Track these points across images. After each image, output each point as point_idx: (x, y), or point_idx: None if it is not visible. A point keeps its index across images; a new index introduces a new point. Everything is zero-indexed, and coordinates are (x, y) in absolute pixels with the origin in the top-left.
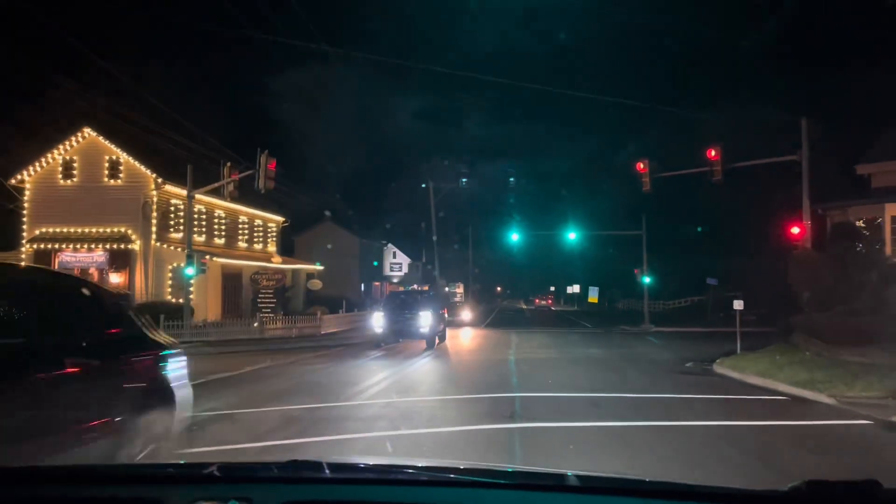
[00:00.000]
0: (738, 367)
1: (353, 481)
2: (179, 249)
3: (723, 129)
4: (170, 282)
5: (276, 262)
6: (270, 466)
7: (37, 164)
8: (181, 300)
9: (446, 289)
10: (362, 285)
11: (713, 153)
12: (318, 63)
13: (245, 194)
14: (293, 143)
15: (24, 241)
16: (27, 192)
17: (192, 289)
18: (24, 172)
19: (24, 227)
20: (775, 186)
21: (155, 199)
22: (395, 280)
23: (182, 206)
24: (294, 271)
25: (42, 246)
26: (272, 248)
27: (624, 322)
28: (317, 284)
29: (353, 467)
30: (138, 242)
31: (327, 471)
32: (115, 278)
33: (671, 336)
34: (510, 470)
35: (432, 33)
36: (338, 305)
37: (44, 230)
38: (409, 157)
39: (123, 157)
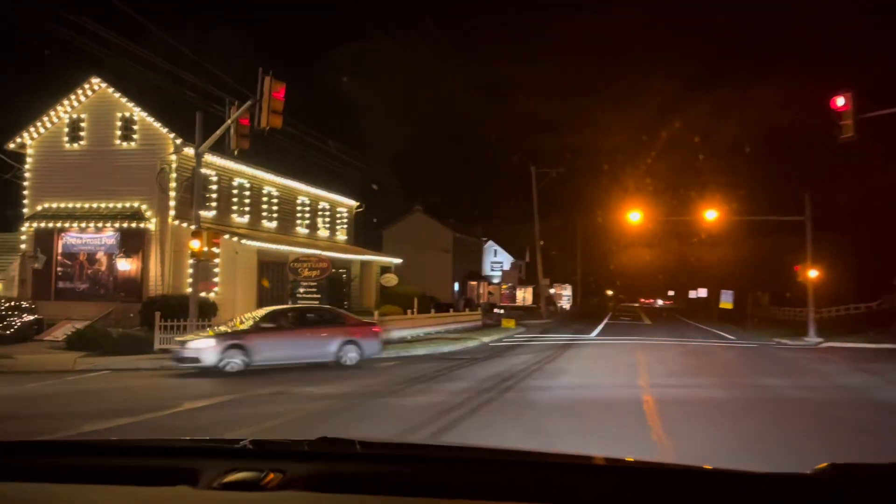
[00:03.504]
0: None
1: (383, 458)
2: (206, 232)
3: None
4: (191, 269)
5: (339, 253)
6: (302, 442)
7: (39, 124)
8: (206, 293)
9: (551, 290)
10: (456, 284)
11: (841, 102)
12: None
13: (309, 172)
14: (380, 130)
15: (24, 220)
16: (29, 160)
17: (216, 279)
18: (25, 135)
19: (26, 201)
20: None
21: (174, 166)
22: (494, 280)
23: (216, 179)
24: (364, 263)
25: (44, 225)
26: (342, 236)
27: (775, 332)
28: (391, 280)
29: (383, 445)
30: (154, 220)
31: (358, 447)
32: (125, 265)
33: (858, 355)
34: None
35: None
36: (423, 305)
37: (46, 205)
38: (514, 148)
39: (138, 113)
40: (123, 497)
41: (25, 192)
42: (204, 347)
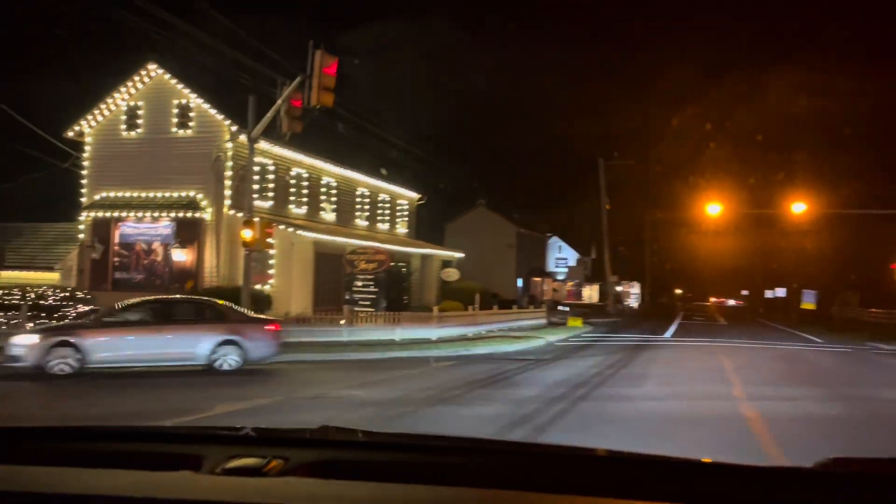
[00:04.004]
0: None
1: (387, 446)
2: (257, 219)
3: None
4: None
5: (399, 246)
6: (305, 430)
7: (97, 112)
8: (261, 286)
9: (618, 287)
10: (519, 280)
11: None
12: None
13: (368, 163)
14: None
15: (82, 209)
16: (87, 148)
17: (271, 272)
18: (83, 123)
19: (84, 190)
20: None
21: (230, 154)
22: (559, 277)
23: (273, 168)
24: (424, 257)
25: (101, 214)
26: (402, 229)
27: (867, 336)
28: (452, 275)
29: (385, 434)
30: (209, 210)
31: (360, 435)
32: (180, 255)
33: None
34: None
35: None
36: (485, 302)
37: (104, 195)
38: (581, 140)
39: (194, 100)
40: (126, 481)
41: (84, 182)
42: (25, 344)
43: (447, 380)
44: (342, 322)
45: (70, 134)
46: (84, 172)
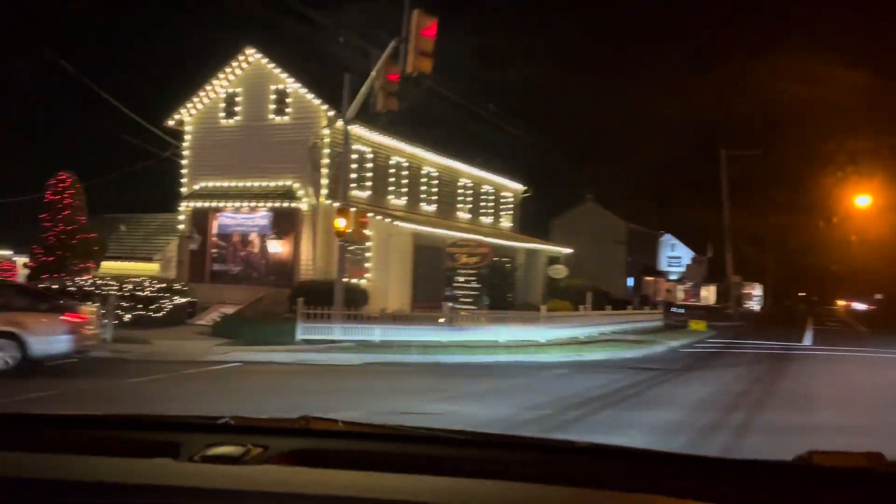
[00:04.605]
0: None
1: (368, 436)
2: (353, 209)
3: None
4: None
5: (502, 240)
6: (285, 420)
7: (196, 100)
8: (357, 279)
9: (747, 290)
10: (629, 279)
11: None
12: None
13: (471, 152)
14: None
15: (182, 199)
16: (187, 137)
17: (368, 264)
18: (183, 111)
19: (184, 180)
20: None
21: (327, 141)
22: (671, 276)
23: (372, 156)
24: (529, 252)
25: (200, 204)
26: (507, 223)
27: None
28: (560, 271)
29: (366, 425)
30: (305, 200)
31: (341, 424)
32: (277, 246)
33: None
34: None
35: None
36: (596, 301)
37: (203, 185)
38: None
39: (291, 84)
40: (104, 467)
41: (183, 171)
42: None
43: (563, 394)
44: (441, 320)
45: (170, 123)
46: (184, 162)
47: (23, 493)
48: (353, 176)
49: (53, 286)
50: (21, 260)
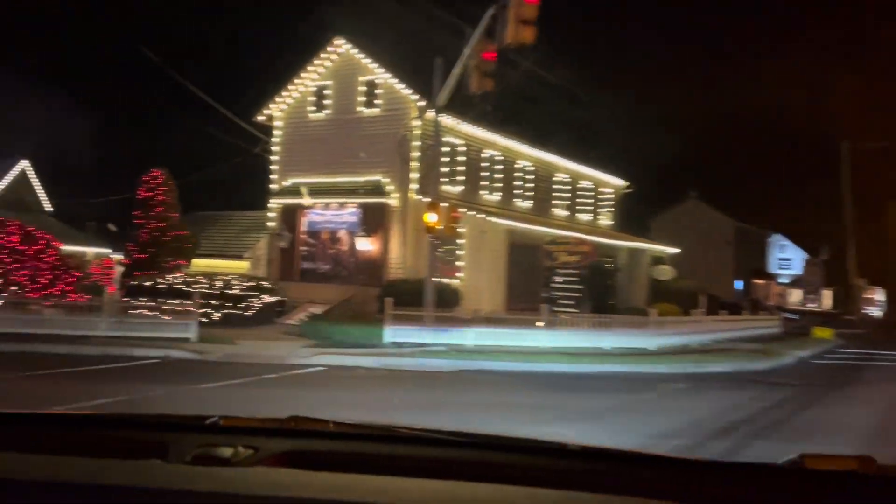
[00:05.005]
0: None
1: (359, 437)
2: (445, 205)
3: None
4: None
5: (602, 238)
6: (275, 420)
7: (285, 94)
8: (448, 279)
9: (868, 294)
10: (737, 282)
11: None
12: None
13: (568, 145)
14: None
15: (271, 196)
16: (276, 132)
17: (460, 263)
18: (273, 106)
19: (273, 176)
20: None
21: (417, 133)
22: (781, 279)
23: (464, 150)
24: (631, 252)
25: (289, 201)
26: (606, 220)
27: None
28: (665, 272)
29: (356, 425)
30: (395, 195)
31: (332, 426)
32: (366, 244)
33: None
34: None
35: None
36: (708, 305)
37: (292, 181)
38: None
39: (381, 75)
40: (92, 468)
41: (273, 167)
42: None
43: (695, 416)
44: (540, 324)
45: (260, 118)
46: (273, 158)
47: (5, 495)
48: (444, 170)
49: (145, 283)
50: (118, 257)
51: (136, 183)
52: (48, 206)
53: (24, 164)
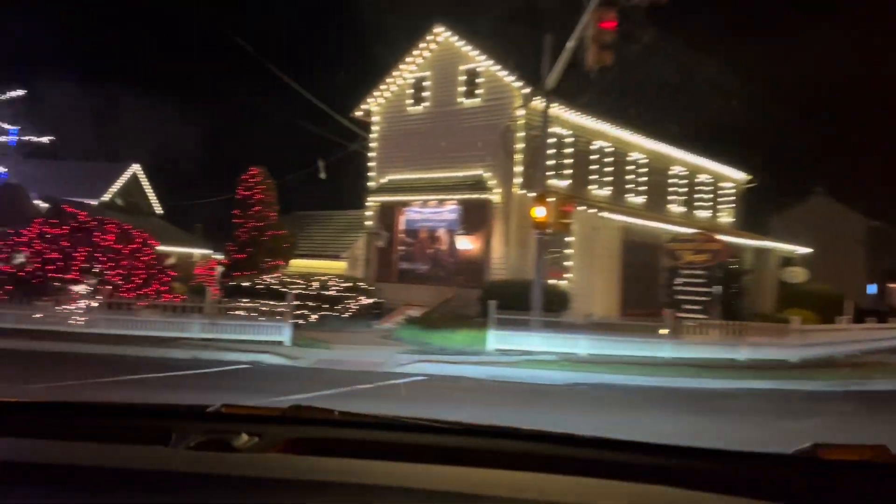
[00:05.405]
0: None
1: (363, 425)
2: (553, 198)
3: None
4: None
5: (725, 236)
6: (278, 409)
7: (383, 87)
8: (556, 280)
9: None
10: (869, 286)
11: None
12: None
13: (684, 135)
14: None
15: (369, 193)
16: (374, 128)
17: (568, 263)
18: (371, 101)
19: (371, 174)
20: None
21: (521, 123)
22: None
23: (572, 140)
24: (758, 251)
25: (387, 199)
26: (727, 217)
27: None
28: (798, 275)
29: (360, 414)
30: (497, 191)
31: (337, 414)
32: (466, 243)
33: None
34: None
35: None
36: (844, 311)
37: (390, 178)
38: None
39: (482, 62)
40: (96, 453)
41: (370, 164)
42: None
43: None
44: (663, 331)
45: (357, 114)
46: (371, 154)
47: (16, 477)
48: (551, 163)
49: (243, 284)
50: (219, 258)
51: (236, 182)
52: (159, 209)
53: (136, 168)
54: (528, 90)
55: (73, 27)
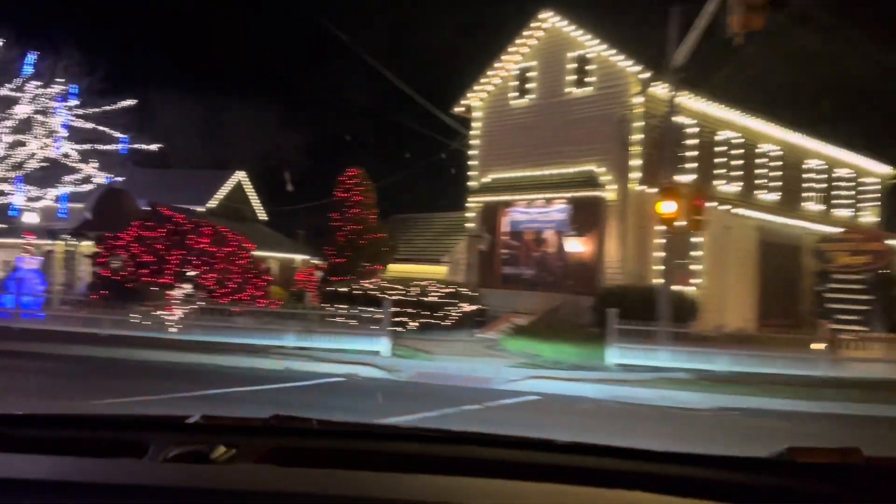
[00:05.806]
0: None
1: (341, 434)
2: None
3: None
4: (662, 253)
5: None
6: (256, 419)
7: (485, 81)
8: (681, 286)
9: None
10: None
11: None
12: None
13: (811, 122)
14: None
15: (470, 194)
16: (475, 124)
17: (696, 266)
18: (472, 95)
19: (472, 173)
20: None
21: (639, 112)
22: None
23: (696, 131)
24: None
25: (489, 199)
26: (869, 216)
27: None
28: None
29: (338, 423)
30: (612, 188)
31: (315, 423)
32: (576, 245)
33: None
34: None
35: None
36: None
37: (493, 177)
38: None
39: (593, 48)
40: (69, 467)
41: (472, 163)
42: None
43: None
44: (818, 346)
45: (458, 110)
46: (472, 153)
47: None
48: (677, 156)
49: (341, 289)
50: (318, 262)
51: (334, 185)
52: (262, 216)
53: (241, 175)
54: (646, 75)
55: (180, 37)
